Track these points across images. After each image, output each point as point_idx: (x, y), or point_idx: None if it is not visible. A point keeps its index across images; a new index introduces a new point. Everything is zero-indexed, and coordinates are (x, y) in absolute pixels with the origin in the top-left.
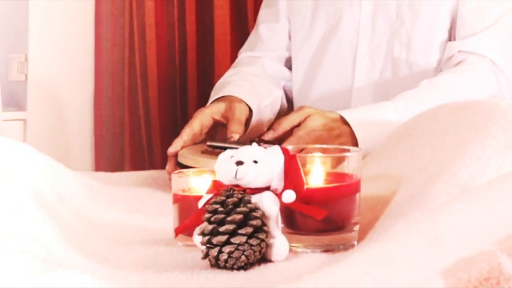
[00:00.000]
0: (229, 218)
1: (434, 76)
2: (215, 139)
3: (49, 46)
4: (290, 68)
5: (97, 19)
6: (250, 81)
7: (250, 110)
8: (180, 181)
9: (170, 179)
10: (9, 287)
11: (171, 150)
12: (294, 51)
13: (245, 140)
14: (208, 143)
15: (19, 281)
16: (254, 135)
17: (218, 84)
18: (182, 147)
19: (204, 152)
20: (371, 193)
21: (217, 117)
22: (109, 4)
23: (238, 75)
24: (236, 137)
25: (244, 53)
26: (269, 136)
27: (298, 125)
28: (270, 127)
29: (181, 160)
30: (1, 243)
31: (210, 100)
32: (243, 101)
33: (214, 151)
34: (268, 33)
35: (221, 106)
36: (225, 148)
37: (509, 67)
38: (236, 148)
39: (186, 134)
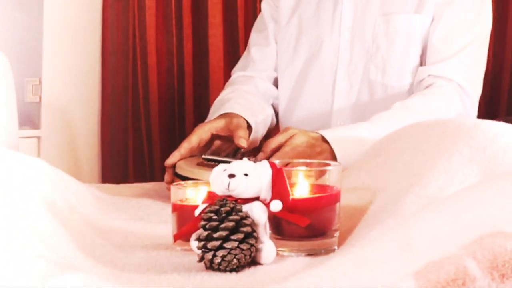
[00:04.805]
0: (222, 225)
1: (407, 97)
2: (209, 152)
3: (61, 71)
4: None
5: (104, 46)
6: (247, 99)
7: (249, 126)
8: (178, 192)
9: (168, 188)
10: (25, 287)
11: (169, 161)
12: (279, 74)
13: (236, 154)
14: (203, 156)
15: (34, 282)
16: (249, 148)
17: (217, 101)
18: (180, 160)
19: (199, 164)
20: (350, 203)
21: (216, 132)
22: (114, 33)
23: (235, 93)
24: (243, 141)
25: (237, 73)
26: (259, 158)
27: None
28: (261, 144)
29: (178, 171)
30: (17, 248)
31: (210, 116)
32: (242, 117)
33: (209, 164)
34: (259, 55)
35: (221, 122)
36: (218, 161)
37: (473, 90)
38: (229, 162)
39: (184, 147)
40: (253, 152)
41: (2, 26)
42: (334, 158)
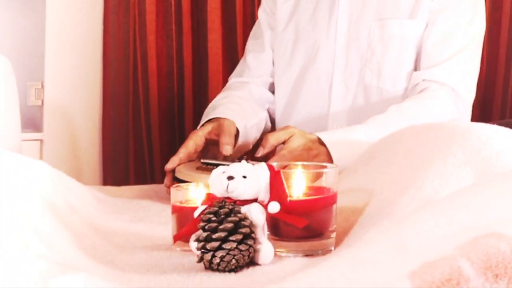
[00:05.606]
0: (221, 227)
1: (401, 101)
2: (208, 156)
3: (63, 75)
4: (274, 92)
5: (105, 51)
6: (239, 104)
7: (238, 130)
8: (178, 194)
9: (168, 192)
10: (27, 287)
11: (168, 166)
12: (276, 79)
13: (234, 158)
14: (202, 160)
15: (35, 282)
16: (240, 151)
17: (209, 106)
18: (178, 164)
19: (198, 168)
20: (346, 204)
21: (209, 136)
22: (115, 38)
23: (228, 99)
24: (227, 148)
25: (233, 79)
26: (259, 153)
27: (284, 142)
28: (258, 143)
29: (178, 175)
30: (18, 249)
31: (202, 121)
32: (232, 122)
33: (207, 168)
34: (255, 62)
35: (211, 126)
36: (217, 165)
37: (467, 94)
38: (227, 165)
39: (182, 152)
40: (251, 155)
41: (4, 31)
42: (330, 160)
